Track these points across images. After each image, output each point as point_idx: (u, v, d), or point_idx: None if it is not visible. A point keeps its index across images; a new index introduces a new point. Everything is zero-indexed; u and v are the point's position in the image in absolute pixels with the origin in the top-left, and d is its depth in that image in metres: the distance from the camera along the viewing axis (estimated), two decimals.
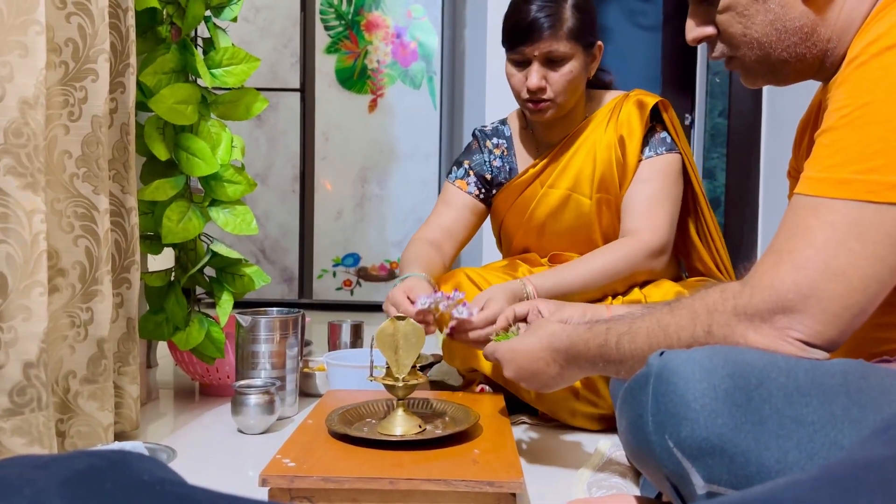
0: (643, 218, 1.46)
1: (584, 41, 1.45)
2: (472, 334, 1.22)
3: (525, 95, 1.47)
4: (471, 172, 1.63)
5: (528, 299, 1.31)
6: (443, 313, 1.19)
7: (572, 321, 1.05)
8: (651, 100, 1.51)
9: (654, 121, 1.53)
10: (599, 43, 1.50)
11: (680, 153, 1.52)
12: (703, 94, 3.79)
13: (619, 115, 1.51)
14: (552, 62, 1.44)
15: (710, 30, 0.87)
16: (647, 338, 0.80)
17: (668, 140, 1.51)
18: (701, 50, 3.85)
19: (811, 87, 0.93)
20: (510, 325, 1.14)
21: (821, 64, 0.85)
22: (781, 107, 2.61)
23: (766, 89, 2.85)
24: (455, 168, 1.65)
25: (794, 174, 1.05)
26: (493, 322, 1.20)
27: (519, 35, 1.43)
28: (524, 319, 1.15)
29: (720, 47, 0.88)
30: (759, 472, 0.62)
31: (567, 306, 1.14)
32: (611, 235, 1.55)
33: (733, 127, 3.47)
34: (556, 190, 1.55)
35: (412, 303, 1.22)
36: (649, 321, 0.81)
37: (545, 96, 1.45)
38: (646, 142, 1.51)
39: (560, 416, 1.40)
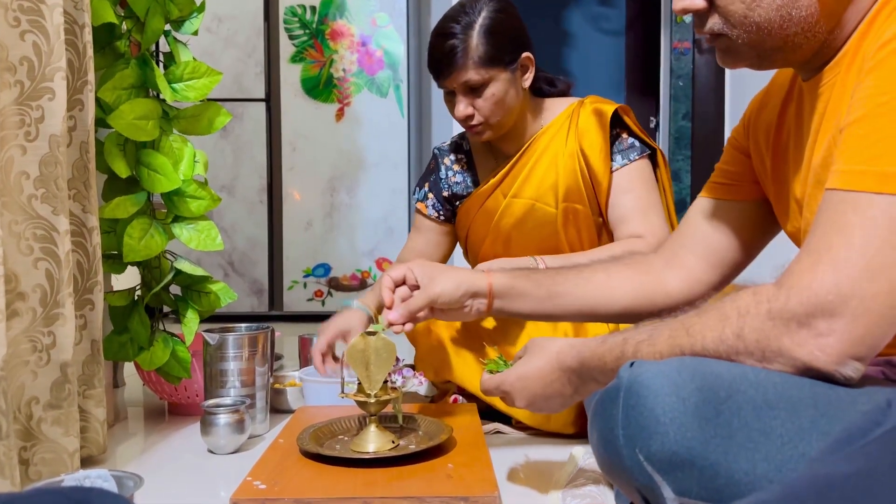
0: (641, 225, 1.47)
1: (501, 62, 1.45)
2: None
3: (461, 121, 1.50)
4: (430, 195, 1.66)
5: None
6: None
7: (450, 295, 1.05)
8: (609, 108, 1.51)
9: (617, 127, 1.53)
10: (527, 54, 1.49)
11: (650, 151, 1.52)
12: (667, 98, 3.84)
13: (578, 123, 1.51)
14: (473, 90, 1.45)
15: (700, 3, 0.81)
16: (669, 339, 0.76)
17: (637, 145, 1.52)
18: (664, 53, 3.90)
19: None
20: (497, 354, 1.07)
21: (813, 55, 0.82)
22: (743, 108, 2.65)
23: (729, 90, 2.90)
24: (417, 189, 1.69)
25: (737, 145, 1.02)
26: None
27: (435, 69, 1.46)
28: (402, 283, 1.10)
29: (712, 22, 0.81)
30: (728, 484, 0.63)
31: (439, 278, 1.07)
32: (575, 245, 1.55)
33: (697, 129, 3.53)
34: (519, 200, 1.55)
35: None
36: (672, 324, 0.77)
37: (474, 122, 1.47)
38: (614, 150, 1.51)
39: (534, 422, 1.40)
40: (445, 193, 1.63)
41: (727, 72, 2.87)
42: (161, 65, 1.48)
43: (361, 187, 3.02)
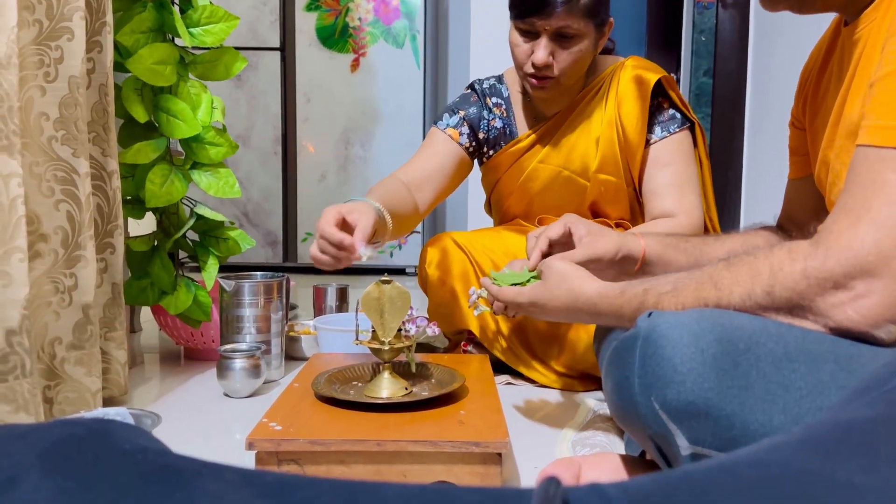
0: (676, 203, 1.41)
1: (598, 18, 1.36)
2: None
3: (529, 69, 1.38)
4: (465, 123, 1.54)
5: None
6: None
7: (611, 256, 1.02)
8: (652, 76, 1.42)
9: (659, 96, 1.45)
10: (611, 19, 1.42)
11: (690, 124, 1.46)
12: (689, 54, 3.77)
13: (618, 89, 1.44)
14: (562, 38, 1.34)
15: None
16: (695, 291, 0.74)
17: (678, 116, 1.45)
18: (687, 7, 3.81)
19: (800, 44, 0.90)
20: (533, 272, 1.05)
21: None
22: (767, 66, 2.60)
23: (752, 47, 2.84)
24: (448, 115, 1.56)
25: (798, 124, 1.01)
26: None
27: (532, 5, 1.32)
28: (560, 241, 1.07)
29: None
30: (743, 435, 0.63)
31: (601, 238, 1.05)
32: (599, 212, 1.52)
33: (718, 86, 3.46)
34: (547, 166, 1.51)
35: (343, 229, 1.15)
36: (699, 276, 0.75)
37: (550, 73, 1.37)
38: (654, 120, 1.44)
39: (546, 381, 1.42)
40: (481, 135, 1.55)
41: (751, 28, 2.81)
42: (178, 8, 1.47)
43: (376, 140, 3.00)
